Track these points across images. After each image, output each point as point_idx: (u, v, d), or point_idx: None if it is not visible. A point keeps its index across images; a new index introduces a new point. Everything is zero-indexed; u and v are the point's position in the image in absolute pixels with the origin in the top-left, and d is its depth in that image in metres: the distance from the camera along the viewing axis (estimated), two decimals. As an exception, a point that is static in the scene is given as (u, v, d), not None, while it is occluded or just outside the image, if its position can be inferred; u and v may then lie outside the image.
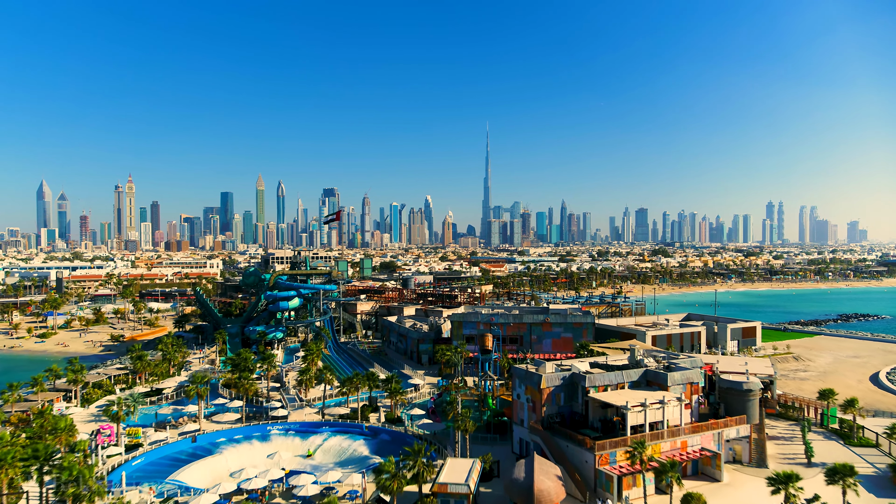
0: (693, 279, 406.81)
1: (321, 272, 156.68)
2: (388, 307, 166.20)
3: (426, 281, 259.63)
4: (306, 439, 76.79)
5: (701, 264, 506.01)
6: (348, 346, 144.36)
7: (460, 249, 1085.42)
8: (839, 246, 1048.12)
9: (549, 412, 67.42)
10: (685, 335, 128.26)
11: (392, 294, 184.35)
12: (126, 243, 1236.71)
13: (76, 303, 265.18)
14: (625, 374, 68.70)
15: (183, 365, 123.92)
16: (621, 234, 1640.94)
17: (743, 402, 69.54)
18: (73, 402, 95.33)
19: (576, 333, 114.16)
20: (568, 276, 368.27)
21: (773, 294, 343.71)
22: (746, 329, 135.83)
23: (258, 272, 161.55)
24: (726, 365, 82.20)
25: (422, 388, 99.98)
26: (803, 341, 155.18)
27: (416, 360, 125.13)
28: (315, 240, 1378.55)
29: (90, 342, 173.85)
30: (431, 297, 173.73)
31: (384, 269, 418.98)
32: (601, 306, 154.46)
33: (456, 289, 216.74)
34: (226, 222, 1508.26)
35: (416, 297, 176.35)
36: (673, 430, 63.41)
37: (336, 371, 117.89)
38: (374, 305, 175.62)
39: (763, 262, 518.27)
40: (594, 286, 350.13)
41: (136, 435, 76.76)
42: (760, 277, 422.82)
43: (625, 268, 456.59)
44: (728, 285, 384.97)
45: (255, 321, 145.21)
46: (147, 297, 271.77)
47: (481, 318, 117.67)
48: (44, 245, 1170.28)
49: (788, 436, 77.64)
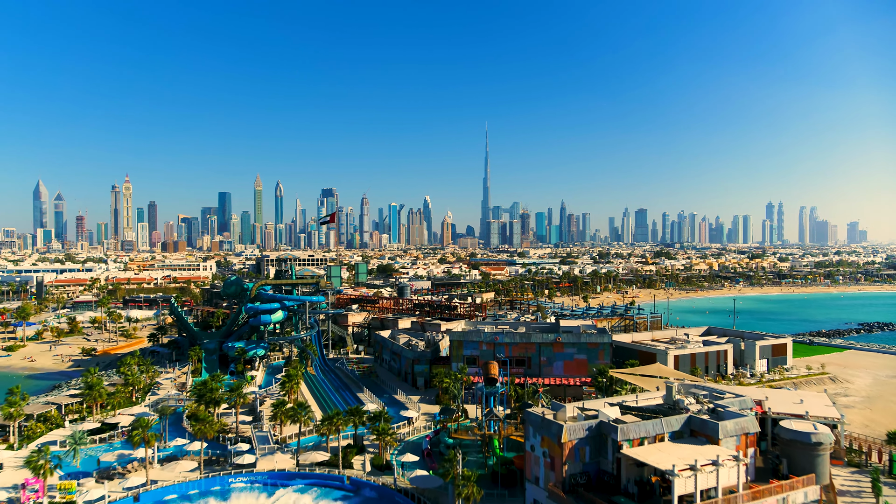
0: (699, 283, 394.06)
1: (308, 282, 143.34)
2: (381, 319, 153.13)
3: (424, 287, 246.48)
4: (273, 495, 63.57)
5: (706, 267, 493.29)
6: (337, 364, 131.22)
7: (459, 250, 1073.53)
8: (842, 247, 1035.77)
9: (571, 471, 54.35)
10: (710, 354, 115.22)
11: (387, 304, 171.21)
12: (122, 244, 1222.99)
13: (55, 310, 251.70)
14: (664, 423, 55.60)
15: (150, 388, 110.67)
16: (621, 234, 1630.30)
17: (810, 457, 56.38)
18: (12, 440, 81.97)
19: (591, 355, 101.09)
20: (571, 280, 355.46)
21: (783, 299, 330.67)
22: (776, 346, 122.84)
23: (240, 281, 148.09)
24: (779, 403, 69.11)
25: (416, 422, 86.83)
26: (834, 357, 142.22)
27: (410, 382, 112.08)
28: (313, 240, 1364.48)
29: (59, 356, 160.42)
30: (429, 307, 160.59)
31: (381, 272, 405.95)
32: (613, 319, 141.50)
33: (455, 297, 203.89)
34: (223, 223, 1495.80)
35: (412, 307, 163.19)
36: (729, 499, 50.43)
37: (319, 395, 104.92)
38: (366, 317, 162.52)
39: (769, 265, 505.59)
40: (598, 291, 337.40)
41: (69, 490, 63.51)
42: (769, 281, 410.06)
43: (628, 270, 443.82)
44: (736, 289, 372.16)
45: (235, 336, 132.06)
46: (130, 304, 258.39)
47: (484, 337, 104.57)
48: (39, 246, 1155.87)
49: (855, 489, 64.63)
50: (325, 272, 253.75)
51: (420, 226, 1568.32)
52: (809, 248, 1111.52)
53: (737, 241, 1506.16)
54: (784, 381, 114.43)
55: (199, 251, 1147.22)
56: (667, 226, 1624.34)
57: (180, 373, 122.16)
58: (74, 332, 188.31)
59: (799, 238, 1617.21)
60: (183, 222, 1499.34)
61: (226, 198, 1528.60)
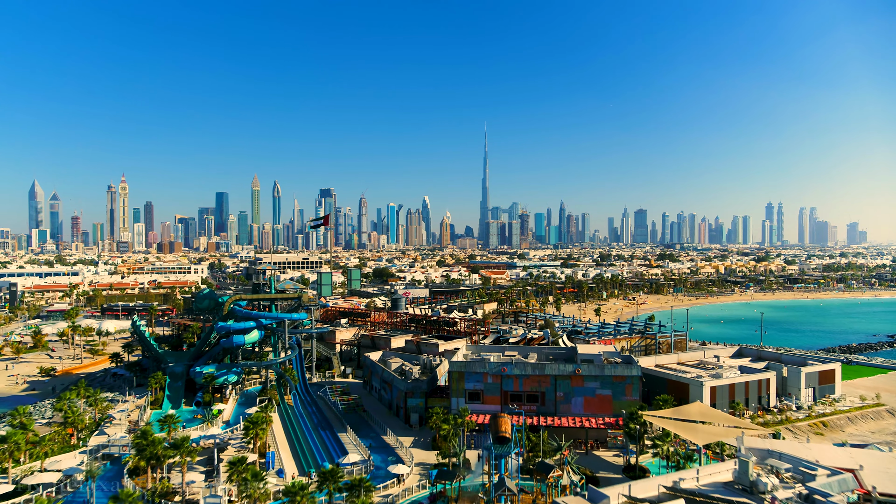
0: (708, 287, 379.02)
1: (289, 297, 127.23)
2: (372, 336, 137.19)
3: (421, 296, 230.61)
4: None
5: (712, 270, 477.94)
6: (320, 391, 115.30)
7: (458, 251, 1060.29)
8: (844, 248, 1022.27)
9: None
10: (750, 384, 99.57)
11: (379, 317, 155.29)
12: (118, 245, 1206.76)
13: (25, 320, 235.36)
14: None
15: (100, 425, 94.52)
16: (620, 235, 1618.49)
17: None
18: None
19: (616, 390, 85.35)
20: (575, 286, 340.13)
21: (798, 306, 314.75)
22: (823, 373, 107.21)
23: (213, 294, 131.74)
24: (877, 471, 53.16)
25: (407, 479, 71.07)
26: (881, 381, 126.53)
27: (402, 418, 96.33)
28: (311, 241, 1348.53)
29: (15, 377, 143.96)
30: (426, 321, 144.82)
31: (377, 276, 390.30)
32: (633, 338, 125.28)
33: (455, 308, 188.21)
34: (221, 223, 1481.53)
35: (407, 321, 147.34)
36: None
37: (294, 435, 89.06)
38: (357, 332, 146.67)
39: (777, 269, 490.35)
40: (604, 297, 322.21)
41: None
42: (779, 286, 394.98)
43: (633, 274, 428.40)
44: (747, 295, 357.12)
45: (205, 358, 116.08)
46: (108, 313, 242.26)
47: (489, 368, 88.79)
48: (35, 246, 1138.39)
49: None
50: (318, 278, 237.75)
51: (419, 226, 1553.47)
52: (811, 248, 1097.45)
53: (736, 242, 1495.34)
54: (836, 415, 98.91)
55: (195, 252, 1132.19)
56: (666, 226, 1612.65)
57: (133, 406, 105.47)
58: (38, 346, 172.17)
59: (799, 239, 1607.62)
60: (180, 223, 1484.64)
61: (223, 198, 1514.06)
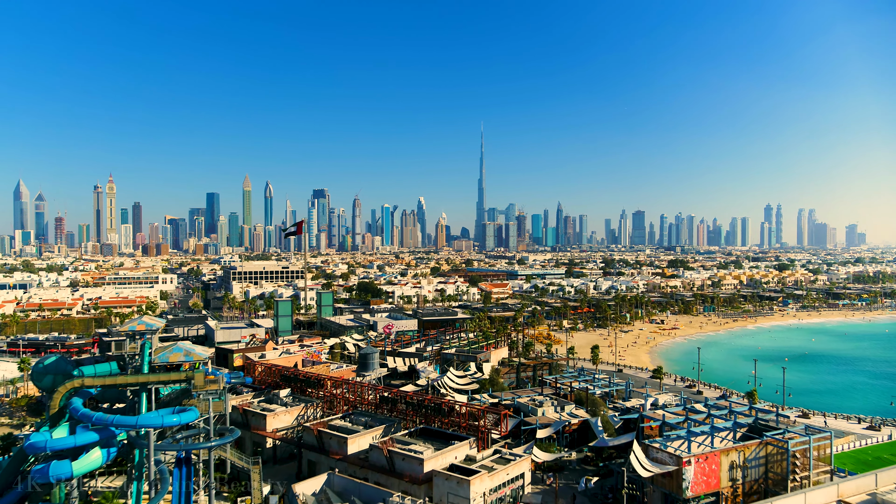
0: (741, 304, 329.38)
1: (172, 378, 74.34)
2: (320, 431, 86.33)
3: (408, 330, 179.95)
4: None
5: (734, 281, 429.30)
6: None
7: (454, 254, 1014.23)
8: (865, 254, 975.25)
9: None
10: None
11: (338, 391, 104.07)
12: (102, 247, 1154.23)
13: None
14: None
15: None
16: (618, 237, 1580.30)
17: None
18: None
19: None
20: (591, 304, 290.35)
21: (864, 334, 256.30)
22: None
23: (61, 366, 79.81)
24: None
25: None
26: None
27: None
28: (303, 243, 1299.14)
29: None
30: (404, 403, 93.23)
31: (362, 291, 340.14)
32: (748, 447, 73.02)
33: (450, 359, 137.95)
34: (211, 224, 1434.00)
35: (378, 402, 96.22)
36: None
37: None
38: (301, 413, 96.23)
39: (804, 279, 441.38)
40: (628, 320, 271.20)
41: None
42: (822, 302, 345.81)
43: (650, 286, 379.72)
44: (791, 315, 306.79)
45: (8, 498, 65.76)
46: (11, 349, 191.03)
47: None
48: (17, 248, 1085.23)
49: None
50: (274, 308, 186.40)
51: (414, 228, 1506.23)
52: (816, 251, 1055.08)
53: (735, 244, 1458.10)
54: None
55: (183, 254, 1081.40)
56: (664, 228, 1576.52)
57: None
58: None
59: (797, 241, 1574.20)
60: (169, 224, 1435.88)
61: (214, 198, 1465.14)
